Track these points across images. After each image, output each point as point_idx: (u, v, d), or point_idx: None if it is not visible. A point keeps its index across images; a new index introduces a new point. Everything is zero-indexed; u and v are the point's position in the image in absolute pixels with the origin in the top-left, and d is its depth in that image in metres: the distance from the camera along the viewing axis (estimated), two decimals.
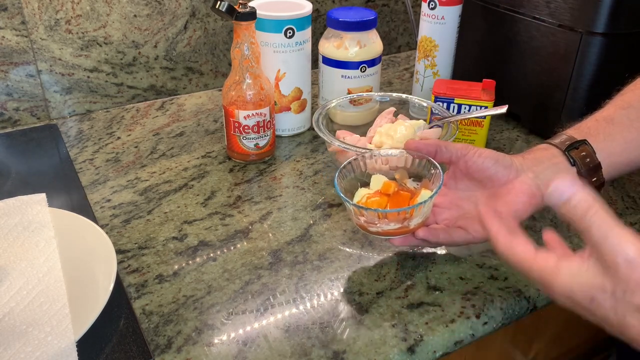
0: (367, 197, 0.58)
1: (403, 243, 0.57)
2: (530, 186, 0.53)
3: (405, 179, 0.61)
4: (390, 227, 0.54)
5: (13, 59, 0.81)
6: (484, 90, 0.77)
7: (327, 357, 0.48)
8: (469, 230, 0.55)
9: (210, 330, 0.50)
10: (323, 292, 0.55)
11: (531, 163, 0.55)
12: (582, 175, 0.55)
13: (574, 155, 0.55)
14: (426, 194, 0.55)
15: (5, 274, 0.53)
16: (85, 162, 0.75)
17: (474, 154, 0.55)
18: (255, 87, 0.71)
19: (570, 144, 0.56)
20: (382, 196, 0.57)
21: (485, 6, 0.84)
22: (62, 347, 0.45)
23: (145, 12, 0.87)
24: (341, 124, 0.80)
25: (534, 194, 0.53)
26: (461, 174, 0.58)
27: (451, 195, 0.58)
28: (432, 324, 0.51)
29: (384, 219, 0.54)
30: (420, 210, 0.54)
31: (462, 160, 0.56)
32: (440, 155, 0.57)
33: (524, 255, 0.42)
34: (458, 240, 0.55)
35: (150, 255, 0.59)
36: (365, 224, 0.55)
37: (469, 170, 0.56)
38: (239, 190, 0.70)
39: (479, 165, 0.55)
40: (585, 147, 0.55)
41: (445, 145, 0.57)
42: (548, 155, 0.56)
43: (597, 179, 0.55)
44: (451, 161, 0.57)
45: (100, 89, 0.88)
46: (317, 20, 1.02)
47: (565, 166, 0.55)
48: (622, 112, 0.57)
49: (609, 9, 0.68)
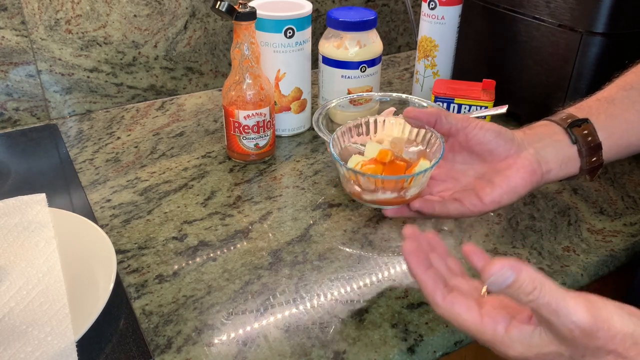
0: (362, 164, 0.55)
1: (396, 214, 0.55)
2: (532, 162, 0.52)
3: (402, 149, 0.59)
4: (386, 196, 0.52)
5: (13, 59, 0.81)
6: (484, 90, 0.77)
7: (327, 357, 0.48)
8: (465, 203, 0.53)
9: (210, 330, 0.50)
10: (323, 292, 0.55)
11: (532, 139, 0.54)
12: (582, 154, 0.54)
13: (576, 132, 0.54)
14: (425, 164, 0.53)
15: (5, 274, 0.53)
16: (85, 162, 0.75)
17: (475, 126, 0.53)
18: (255, 87, 0.71)
19: (573, 122, 0.54)
20: (378, 164, 0.55)
21: (485, 6, 0.84)
22: (62, 347, 0.45)
23: (145, 12, 0.87)
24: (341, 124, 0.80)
25: (534, 171, 0.52)
26: (460, 147, 0.56)
27: (448, 167, 0.56)
28: (432, 324, 0.51)
29: (381, 186, 0.51)
30: (419, 180, 0.51)
31: (463, 132, 0.54)
32: (440, 125, 0.54)
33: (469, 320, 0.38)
34: (453, 213, 0.53)
35: (150, 255, 0.59)
36: (360, 192, 0.52)
37: (469, 143, 0.54)
38: (239, 190, 0.70)
39: (479, 138, 0.53)
40: (588, 126, 0.54)
41: (446, 115, 0.54)
42: (549, 132, 0.55)
43: (596, 159, 0.54)
44: (450, 133, 0.55)
45: (100, 89, 0.88)
46: (317, 20, 1.02)
47: (566, 143, 0.54)
48: (623, 93, 0.56)
49: (609, 9, 0.68)
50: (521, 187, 0.52)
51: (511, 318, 0.38)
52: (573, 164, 0.54)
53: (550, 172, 0.54)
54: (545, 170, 0.53)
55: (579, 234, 0.63)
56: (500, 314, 0.38)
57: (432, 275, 0.41)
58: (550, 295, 0.34)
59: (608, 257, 0.60)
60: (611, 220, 0.66)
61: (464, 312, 0.38)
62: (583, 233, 0.63)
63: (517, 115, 0.85)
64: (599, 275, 0.60)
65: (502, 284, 0.34)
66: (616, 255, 0.61)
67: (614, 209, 0.67)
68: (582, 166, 0.54)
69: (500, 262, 0.34)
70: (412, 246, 0.42)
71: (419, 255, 0.42)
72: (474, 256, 0.39)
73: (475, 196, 0.52)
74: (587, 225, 0.65)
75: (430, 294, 0.40)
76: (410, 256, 0.42)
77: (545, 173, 0.53)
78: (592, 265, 0.59)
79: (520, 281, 0.34)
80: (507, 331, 0.37)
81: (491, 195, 0.52)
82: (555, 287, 0.34)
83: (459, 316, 0.38)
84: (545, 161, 0.53)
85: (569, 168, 0.54)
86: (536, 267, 0.58)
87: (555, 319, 0.34)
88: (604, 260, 0.60)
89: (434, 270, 0.42)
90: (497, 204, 0.52)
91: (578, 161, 0.54)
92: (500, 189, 0.52)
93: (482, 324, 0.38)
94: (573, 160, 0.54)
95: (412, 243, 0.43)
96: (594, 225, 0.65)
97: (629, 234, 0.63)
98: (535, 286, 0.34)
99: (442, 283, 0.40)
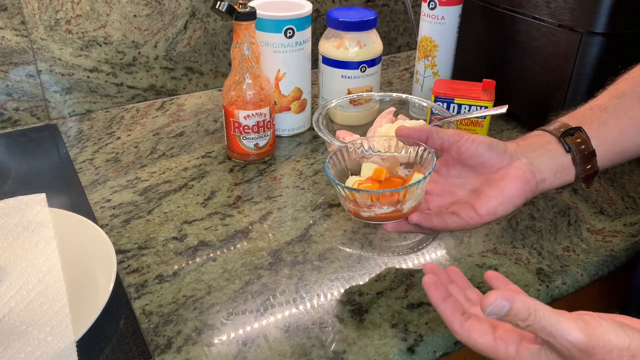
0: (359, 183, 0.56)
1: (396, 229, 0.55)
2: (525, 172, 0.52)
3: (397, 167, 0.60)
4: (383, 211, 0.52)
5: (13, 59, 0.81)
6: (484, 90, 0.77)
7: (327, 357, 0.48)
8: (462, 216, 0.53)
9: (210, 330, 0.50)
10: (323, 292, 0.55)
11: (525, 149, 0.55)
12: (577, 162, 0.54)
13: (569, 141, 0.54)
14: (419, 177, 0.54)
15: (5, 274, 0.53)
16: (85, 162, 0.75)
17: (467, 139, 0.54)
18: (255, 87, 0.71)
19: (565, 131, 0.55)
20: (374, 182, 0.56)
21: (485, 6, 0.84)
22: (62, 347, 0.45)
23: (145, 12, 0.87)
24: (341, 124, 0.80)
25: (528, 181, 0.52)
26: (453, 161, 0.56)
27: (443, 182, 0.57)
28: (432, 324, 0.51)
29: (377, 201, 0.52)
30: (414, 192, 0.52)
31: (455, 146, 0.55)
32: (432, 141, 0.56)
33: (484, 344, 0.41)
34: (452, 226, 0.54)
35: (150, 255, 0.59)
36: (357, 209, 0.53)
37: (462, 157, 0.55)
38: (239, 190, 0.70)
39: (472, 152, 0.54)
40: (580, 134, 0.55)
41: (437, 131, 0.55)
42: (542, 142, 0.56)
43: (591, 167, 0.55)
44: (443, 148, 0.56)
45: (100, 89, 0.88)
46: (317, 20, 1.02)
47: (560, 152, 0.55)
48: (616, 101, 0.57)
49: (609, 9, 0.68)
50: (515, 197, 0.52)
51: (521, 339, 0.41)
52: (568, 172, 0.55)
53: (544, 181, 0.54)
54: (539, 179, 0.53)
55: (579, 234, 0.63)
56: (511, 336, 0.41)
57: (450, 306, 0.44)
58: (545, 320, 0.37)
59: (608, 257, 0.60)
60: (611, 220, 0.66)
61: (479, 337, 0.41)
62: (583, 233, 0.63)
63: (517, 115, 0.85)
64: (599, 275, 0.60)
65: (498, 313, 0.37)
66: (616, 255, 0.61)
67: (614, 209, 0.67)
68: (577, 174, 0.55)
69: (495, 293, 0.37)
70: (431, 279, 0.46)
71: (439, 287, 0.46)
72: (494, 282, 0.46)
73: (471, 208, 0.53)
74: (587, 225, 0.65)
75: (449, 322, 0.43)
76: (429, 288, 0.46)
77: (540, 182, 0.54)
78: (592, 265, 0.59)
79: (515, 310, 0.37)
80: (518, 352, 0.40)
81: (486, 207, 0.52)
82: (549, 310, 0.37)
83: (475, 341, 0.42)
84: (539, 170, 0.54)
85: (564, 176, 0.55)
86: (536, 267, 0.58)
87: (553, 340, 0.37)
88: (604, 260, 0.60)
89: (453, 300, 0.45)
90: (493, 215, 0.53)
91: (573, 169, 0.55)
92: (495, 200, 0.52)
93: (496, 346, 0.41)
94: (567, 168, 0.55)
95: (432, 277, 0.47)
96: (594, 225, 0.65)
97: (629, 234, 0.63)
98: (530, 312, 0.37)
99: (459, 312, 0.44)
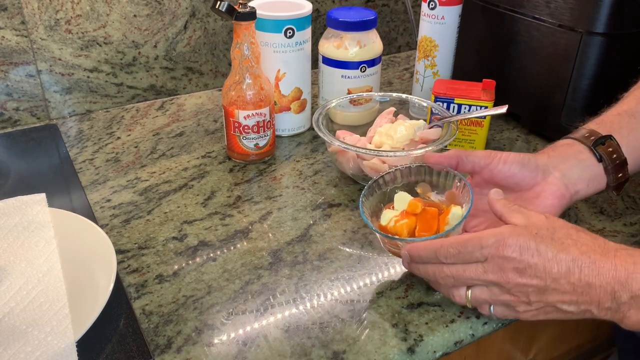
0: (395, 220, 0.55)
1: None
2: (559, 187, 0.52)
3: (429, 192, 0.59)
4: None
5: (13, 59, 0.81)
6: (484, 90, 0.77)
7: (327, 357, 0.48)
8: None
9: (210, 330, 0.50)
10: (323, 292, 0.55)
11: (556, 161, 0.54)
12: (609, 171, 0.54)
13: (600, 151, 0.54)
14: (457, 212, 0.53)
15: (5, 274, 0.53)
16: (85, 162, 0.75)
17: (499, 161, 0.54)
18: (255, 87, 0.71)
19: (596, 139, 0.54)
20: (410, 217, 0.54)
21: (485, 6, 0.84)
22: (62, 347, 0.45)
23: (145, 12, 0.87)
24: (341, 124, 0.80)
25: (563, 195, 0.52)
26: (485, 182, 0.56)
27: (476, 202, 0.56)
28: (432, 324, 0.51)
29: None
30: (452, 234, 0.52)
31: (487, 169, 0.55)
32: (462, 165, 0.56)
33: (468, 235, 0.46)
34: None
35: (150, 255, 0.59)
36: (397, 250, 0.53)
37: (495, 179, 0.55)
38: (239, 190, 0.70)
39: (505, 173, 0.54)
40: (612, 143, 0.54)
41: (466, 155, 0.55)
42: (573, 152, 0.55)
43: (622, 175, 0.54)
44: (474, 171, 0.56)
45: (100, 89, 0.88)
46: (317, 20, 1.02)
47: (592, 162, 0.54)
48: None
49: (609, 9, 0.68)
50: (552, 213, 0.52)
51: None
52: (600, 181, 0.55)
53: (578, 192, 0.54)
54: (573, 191, 0.53)
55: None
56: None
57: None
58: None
59: None
60: (611, 220, 0.66)
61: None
62: None
63: (517, 116, 0.85)
64: None
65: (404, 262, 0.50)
66: None
67: (614, 209, 0.67)
68: (608, 182, 0.55)
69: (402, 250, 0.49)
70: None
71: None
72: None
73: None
74: (587, 225, 0.65)
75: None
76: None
77: (574, 194, 0.54)
78: None
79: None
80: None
81: None
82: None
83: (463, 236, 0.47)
84: (573, 182, 0.53)
85: (596, 185, 0.55)
86: None
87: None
88: None
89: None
90: None
91: (604, 178, 0.54)
92: None
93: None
94: (600, 177, 0.54)
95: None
96: (594, 225, 0.65)
97: (629, 234, 0.63)
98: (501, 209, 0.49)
99: None
